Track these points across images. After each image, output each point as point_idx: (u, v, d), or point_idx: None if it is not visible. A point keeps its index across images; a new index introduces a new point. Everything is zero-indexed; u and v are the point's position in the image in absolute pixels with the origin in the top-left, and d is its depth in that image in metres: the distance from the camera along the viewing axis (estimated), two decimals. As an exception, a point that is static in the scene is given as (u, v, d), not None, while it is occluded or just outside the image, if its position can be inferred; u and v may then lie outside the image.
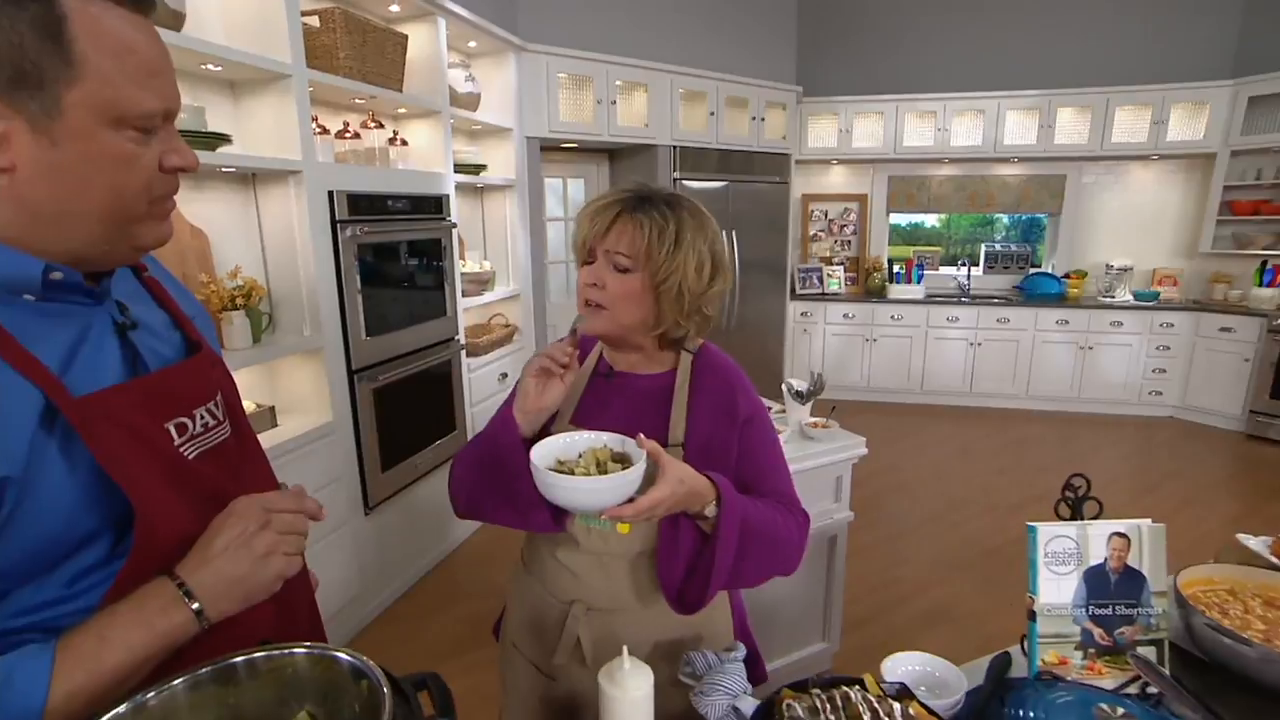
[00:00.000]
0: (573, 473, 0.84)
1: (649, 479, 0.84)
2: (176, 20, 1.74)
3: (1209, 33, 4.79)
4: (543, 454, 0.87)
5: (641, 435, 0.86)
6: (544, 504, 0.90)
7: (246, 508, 0.65)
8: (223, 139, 1.85)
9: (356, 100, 2.55)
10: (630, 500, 0.82)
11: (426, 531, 2.89)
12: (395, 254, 2.59)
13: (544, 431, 0.97)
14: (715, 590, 0.91)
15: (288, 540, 0.66)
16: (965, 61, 5.16)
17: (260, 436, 2.11)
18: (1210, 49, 4.80)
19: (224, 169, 1.99)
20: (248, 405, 2.10)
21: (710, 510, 0.90)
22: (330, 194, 2.23)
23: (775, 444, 1.04)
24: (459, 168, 3.08)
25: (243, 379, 2.23)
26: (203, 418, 0.71)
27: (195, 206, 2.03)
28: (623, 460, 0.88)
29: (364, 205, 2.38)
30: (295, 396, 2.34)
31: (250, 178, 2.18)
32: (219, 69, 1.91)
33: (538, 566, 1.05)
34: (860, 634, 2.43)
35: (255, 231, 2.23)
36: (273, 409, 2.18)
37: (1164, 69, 4.82)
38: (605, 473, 0.85)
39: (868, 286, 5.55)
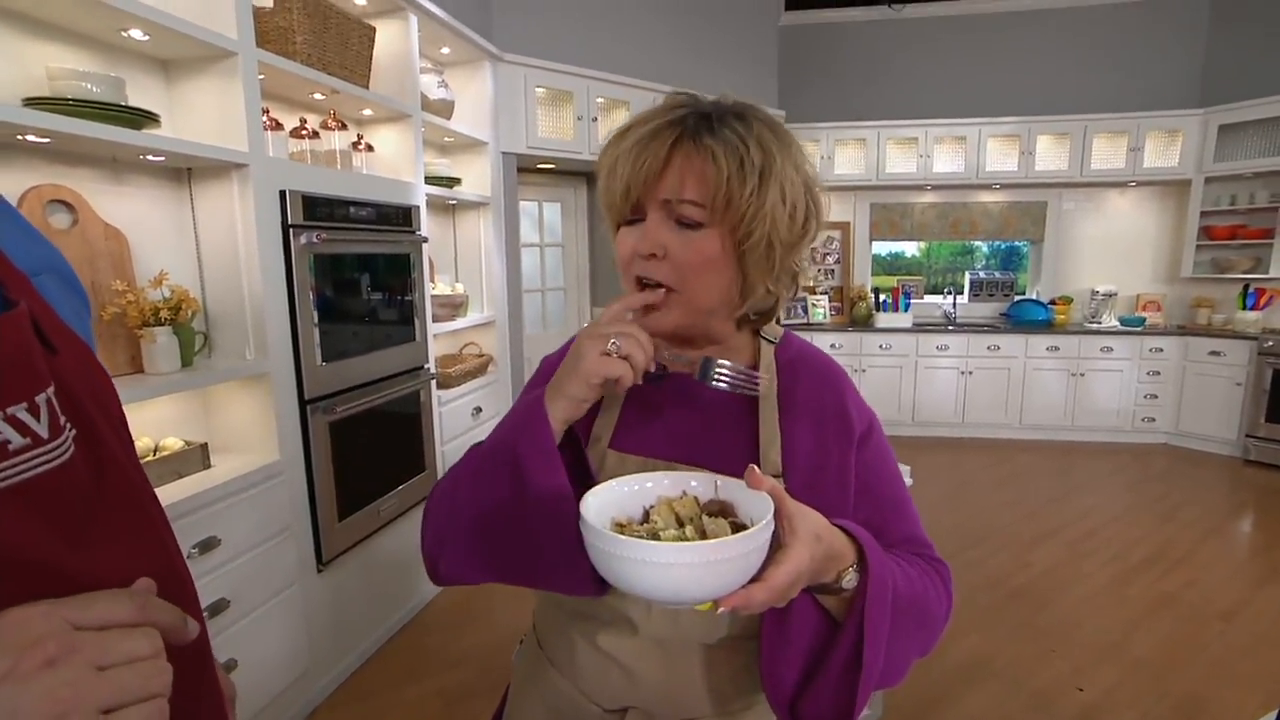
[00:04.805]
0: (656, 537, 0.52)
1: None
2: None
3: (1176, 64, 4.91)
4: (595, 510, 0.55)
5: (755, 468, 0.54)
6: (582, 557, 0.59)
7: (25, 623, 0.34)
8: (147, 117, 1.53)
9: (316, 96, 2.26)
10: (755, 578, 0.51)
11: (390, 588, 2.50)
12: (357, 268, 2.27)
13: (579, 457, 0.65)
14: (863, 705, 0.60)
15: (111, 681, 0.35)
16: (945, 89, 5.16)
17: (189, 480, 1.76)
18: (1178, 80, 4.90)
19: (150, 157, 1.66)
20: (171, 443, 1.73)
21: (848, 580, 0.59)
22: (282, 194, 1.92)
23: (897, 468, 0.75)
24: (431, 179, 2.79)
25: (169, 410, 1.85)
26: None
27: (112, 203, 1.68)
28: (724, 513, 0.57)
29: (322, 210, 2.07)
30: (234, 431, 1.97)
31: (185, 173, 1.85)
32: (146, 38, 1.59)
33: (565, 655, 0.72)
34: (899, 694, 2.12)
35: (189, 236, 1.89)
36: (205, 446, 1.81)
37: (1137, 98, 4.89)
38: (704, 535, 0.53)
39: (853, 316, 5.39)
